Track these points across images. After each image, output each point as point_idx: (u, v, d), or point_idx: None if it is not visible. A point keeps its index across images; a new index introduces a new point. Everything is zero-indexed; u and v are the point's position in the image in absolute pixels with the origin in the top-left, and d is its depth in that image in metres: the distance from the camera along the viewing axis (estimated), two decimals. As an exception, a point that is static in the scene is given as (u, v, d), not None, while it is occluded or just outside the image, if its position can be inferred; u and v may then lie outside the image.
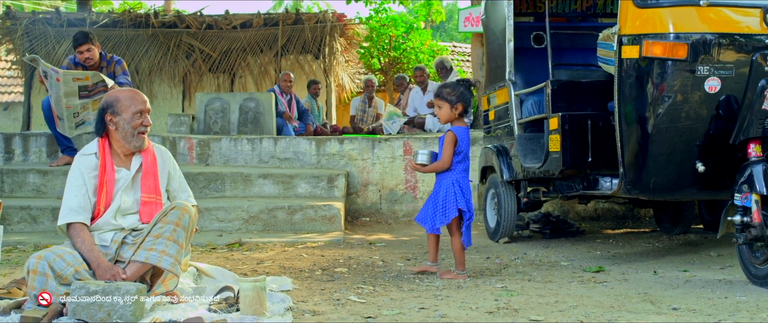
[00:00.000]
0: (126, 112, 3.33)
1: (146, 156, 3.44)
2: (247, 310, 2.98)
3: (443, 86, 3.94)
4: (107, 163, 3.36)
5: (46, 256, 3.15)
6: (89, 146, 3.43)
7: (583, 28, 5.73)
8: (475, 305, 3.23)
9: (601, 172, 4.53)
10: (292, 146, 6.64)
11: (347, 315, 3.07)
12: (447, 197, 3.88)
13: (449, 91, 3.88)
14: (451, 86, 3.91)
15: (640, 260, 4.53)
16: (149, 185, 3.42)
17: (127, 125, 3.35)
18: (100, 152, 3.37)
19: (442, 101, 3.89)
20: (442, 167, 3.90)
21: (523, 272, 4.14)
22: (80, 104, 5.91)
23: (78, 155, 3.41)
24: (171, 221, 3.20)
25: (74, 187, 3.33)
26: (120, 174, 3.38)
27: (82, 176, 3.34)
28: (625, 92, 3.94)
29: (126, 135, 3.36)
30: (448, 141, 3.89)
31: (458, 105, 3.87)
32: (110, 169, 3.36)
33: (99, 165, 3.35)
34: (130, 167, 3.42)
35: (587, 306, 3.22)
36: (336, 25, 11.31)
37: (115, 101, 3.36)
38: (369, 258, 4.66)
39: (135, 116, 3.34)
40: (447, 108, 3.88)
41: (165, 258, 3.17)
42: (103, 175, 3.34)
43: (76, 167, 3.37)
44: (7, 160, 6.51)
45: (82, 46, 6.01)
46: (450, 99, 3.87)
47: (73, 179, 3.35)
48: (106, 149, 3.39)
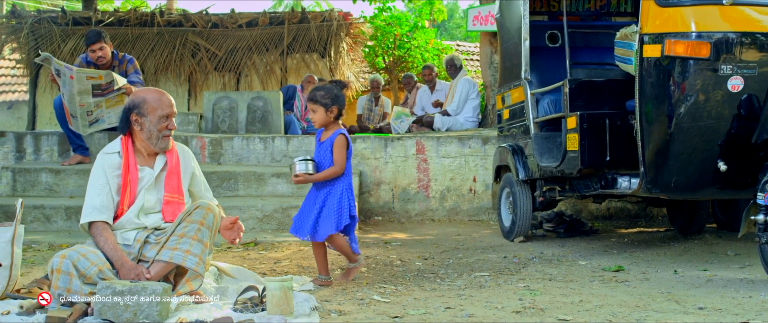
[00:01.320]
0: (152, 114, 3.32)
1: (171, 156, 3.44)
2: (274, 310, 2.97)
3: (316, 89, 3.74)
4: (130, 162, 3.35)
5: (70, 255, 3.14)
6: (112, 144, 3.42)
7: (598, 27, 5.72)
8: (500, 304, 3.23)
9: (619, 171, 4.52)
10: (304, 145, 6.63)
11: (374, 314, 3.06)
12: (341, 203, 3.68)
13: (323, 94, 3.68)
14: (325, 88, 3.72)
15: (658, 259, 4.52)
16: (173, 185, 3.41)
17: (152, 127, 3.34)
18: (124, 151, 3.36)
19: (316, 105, 3.68)
20: (337, 173, 3.68)
21: (543, 271, 4.13)
22: (93, 102, 5.89)
23: (101, 154, 3.40)
24: (195, 221, 3.19)
25: (97, 186, 3.32)
26: (143, 173, 3.38)
27: (105, 174, 3.33)
28: (646, 90, 3.93)
29: (151, 137, 3.35)
30: (340, 145, 3.67)
31: (333, 108, 3.67)
32: (133, 168, 3.36)
33: (122, 164, 3.34)
34: (153, 166, 3.41)
35: (612, 305, 3.22)
36: (342, 24, 11.29)
37: (142, 102, 3.34)
38: (386, 257, 4.65)
39: (161, 120, 3.33)
40: (322, 112, 3.67)
41: (190, 258, 3.16)
42: (126, 174, 3.33)
43: (99, 165, 3.36)
44: (19, 159, 6.49)
45: (94, 44, 5.99)
46: (324, 102, 3.66)
47: (95, 178, 3.34)
48: (129, 147, 3.38)
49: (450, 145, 6.64)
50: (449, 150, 6.62)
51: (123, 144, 3.39)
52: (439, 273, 4.08)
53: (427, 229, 6.09)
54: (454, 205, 6.63)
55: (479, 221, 6.61)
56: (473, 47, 18.60)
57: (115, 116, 6.03)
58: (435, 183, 6.59)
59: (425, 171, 6.52)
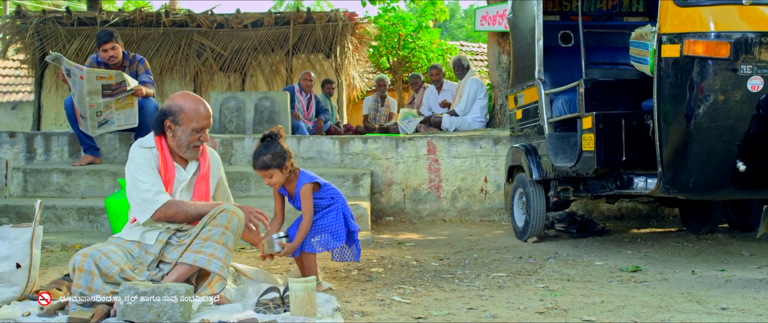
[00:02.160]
0: (186, 124, 3.32)
1: (204, 161, 3.44)
2: (298, 311, 2.96)
3: (257, 156, 3.54)
4: (168, 159, 3.35)
5: (92, 254, 3.13)
6: (146, 139, 3.40)
7: (610, 27, 5.71)
8: (522, 305, 3.22)
9: (635, 171, 4.51)
10: (315, 145, 6.61)
11: (396, 315, 3.06)
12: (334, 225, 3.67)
13: (271, 157, 3.51)
14: (267, 150, 3.52)
15: (674, 259, 4.51)
16: (202, 190, 3.41)
17: (184, 136, 3.33)
18: (159, 148, 3.35)
19: (271, 170, 3.53)
20: (310, 223, 3.62)
21: (560, 271, 4.12)
22: (103, 103, 5.88)
23: (137, 147, 3.36)
24: (220, 224, 3.17)
25: (146, 170, 3.29)
26: (179, 174, 3.37)
27: (151, 165, 3.31)
28: (664, 91, 3.92)
29: (180, 145, 3.34)
30: (305, 196, 3.61)
31: (286, 164, 3.54)
32: (171, 166, 3.36)
33: (160, 159, 3.33)
34: (186, 169, 3.40)
35: (634, 306, 3.21)
36: (347, 24, 11.28)
37: (179, 110, 3.32)
38: (402, 257, 4.64)
39: (194, 132, 3.33)
40: (278, 173, 3.54)
41: (214, 261, 3.15)
42: (166, 172, 3.32)
43: (140, 155, 3.32)
44: (29, 159, 6.48)
45: (106, 44, 5.98)
46: (278, 163, 3.52)
47: (143, 165, 3.30)
48: (164, 146, 3.37)
49: (461, 145, 6.63)
50: (460, 150, 6.61)
51: (157, 142, 3.37)
52: (456, 273, 4.07)
53: (439, 229, 6.08)
54: (465, 205, 6.62)
55: (490, 221, 6.59)
56: (477, 47, 18.63)
57: (125, 117, 6.02)
58: (446, 183, 6.58)
59: (436, 171, 6.51)
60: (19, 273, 3.43)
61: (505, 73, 8.55)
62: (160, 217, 3.27)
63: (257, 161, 3.56)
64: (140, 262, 3.29)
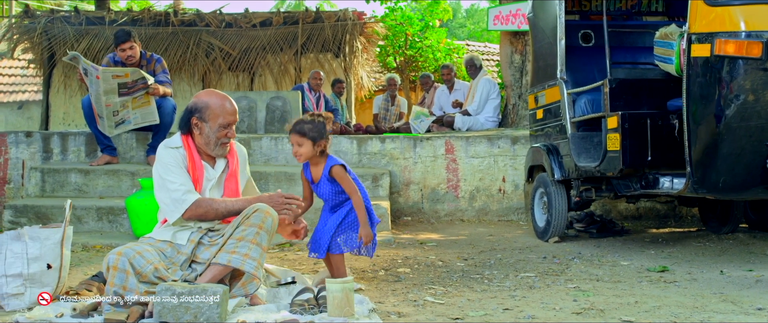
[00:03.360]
0: (213, 121, 3.30)
1: (232, 159, 3.42)
2: (336, 312, 2.95)
3: (302, 122, 3.50)
4: (195, 158, 3.33)
5: (126, 253, 3.12)
6: (173, 139, 3.39)
7: (630, 26, 5.70)
8: (557, 305, 3.21)
9: (660, 171, 4.51)
10: (333, 144, 6.59)
11: (433, 316, 3.05)
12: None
13: (311, 127, 3.46)
14: (312, 121, 3.49)
15: (699, 259, 4.50)
16: (232, 188, 3.40)
17: (211, 133, 3.31)
18: (186, 147, 3.34)
19: (303, 138, 3.45)
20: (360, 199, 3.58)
21: (587, 272, 4.11)
22: (120, 102, 5.86)
23: (164, 147, 3.34)
24: (254, 224, 3.15)
25: (176, 173, 3.27)
26: (207, 172, 3.35)
27: (179, 164, 3.29)
28: (694, 90, 3.91)
29: (208, 143, 3.33)
30: (341, 176, 3.53)
31: (321, 142, 3.48)
32: (199, 164, 3.34)
33: (188, 158, 3.31)
34: (214, 167, 3.39)
35: (670, 306, 3.20)
36: (356, 24, 11.26)
37: (205, 107, 3.31)
38: (426, 258, 4.62)
39: (221, 128, 3.31)
40: (309, 146, 3.46)
41: (248, 262, 3.13)
42: (193, 167, 3.31)
43: (167, 156, 3.30)
44: (46, 159, 6.46)
45: (124, 43, 5.96)
46: (313, 136, 3.45)
47: (171, 165, 3.28)
48: (191, 145, 3.35)
49: (479, 145, 6.61)
50: (478, 150, 6.60)
51: (184, 141, 3.36)
52: (484, 273, 4.06)
53: (458, 229, 6.06)
54: (483, 205, 6.60)
55: (509, 221, 6.58)
56: (483, 47, 18.62)
57: (142, 116, 6.00)
58: (464, 183, 6.57)
59: (454, 171, 6.49)
60: (50, 273, 3.43)
61: (518, 72, 8.54)
62: (190, 216, 3.26)
63: (296, 125, 3.50)
64: (173, 262, 3.28)
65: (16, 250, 3.39)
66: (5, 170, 6.39)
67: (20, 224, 5.38)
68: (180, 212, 3.24)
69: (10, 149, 6.41)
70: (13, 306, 3.33)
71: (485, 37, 27.58)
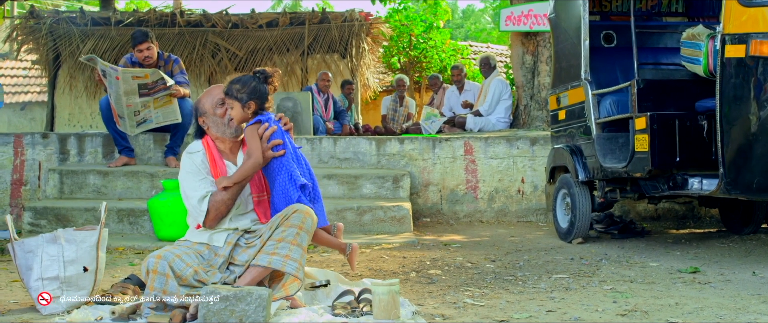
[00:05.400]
0: (208, 107, 3.34)
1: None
2: (382, 315, 2.92)
3: (233, 82, 3.26)
4: (215, 155, 3.34)
5: (166, 256, 3.10)
6: (193, 144, 3.40)
7: (650, 27, 5.69)
8: (599, 307, 3.20)
9: (688, 172, 4.50)
10: (352, 146, 6.58)
11: (477, 318, 3.03)
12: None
13: (239, 87, 3.20)
14: (242, 80, 3.24)
15: (727, 260, 4.49)
16: (257, 183, 3.36)
17: (214, 117, 3.33)
18: (205, 148, 3.34)
19: (232, 100, 3.22)
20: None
21: (618, 273, 4.10)
22: (141, 103, 5.83)
23: (185, 154, 3.36)
24: (294, 225, 3.13)
25: (191, 180, 3.27)
26: (230, 169, 3.34)
27: (200, 170, 3.28)
28: (727, 91, 3.90)
29: (218, 126, 3.35)
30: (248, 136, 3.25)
31: (250, 103, 3.20)
32: (220, 161, 3.34)
33: (208, 159, 3.31)
34: (236, 163, 3.37)
35: (712, 307, 3.19)
36: (363, 25, 11.24)
37: (198, 103, 3.40)
38: (453, 259, 4.61)
39: (217, 106, 3.32)
40: (238, 108, 3.22)
41: (289, 263, 3.11)
42: (215, 168, 3.30)
43: (186, 162, 3.32)
44: (62, 160, 6.42)
45: (141, 44, 5.93)
46: (240, 97, 3.19)
47: (188, 173, 3.29)
48: (210, 145, 3.36)
49: (498, 146, 6.60)
50: (497, 151, 6.59)
51: (203, 143, 3.37)
52: (516, 275, 4.04)
53: (478, 230, 6.05)
54: (502, 206, 6.59)
55: (528, 222, 6.57)
56: (486, 48, 18.64)
57: (163, 115, 5.97)
58: (483, 184, 6.55)
59: (473, 172, 6.48)
60: (86, 276, 3.40)
61: (530, 73, 8.53)
62: (213, 222, 3.25)
63: (228, 86, 3.26)
64: (210, 264, 3.26)
65: (52, 253, 3.36)
66: (21, 172, 6.34)
67: (40, 226, 5.35)
68: (201, 221, 3.25)
69: (27, 151, 6.37)
70: (50, 309, 3.30)
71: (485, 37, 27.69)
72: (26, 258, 3.36)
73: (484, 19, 36.47)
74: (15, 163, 6.35)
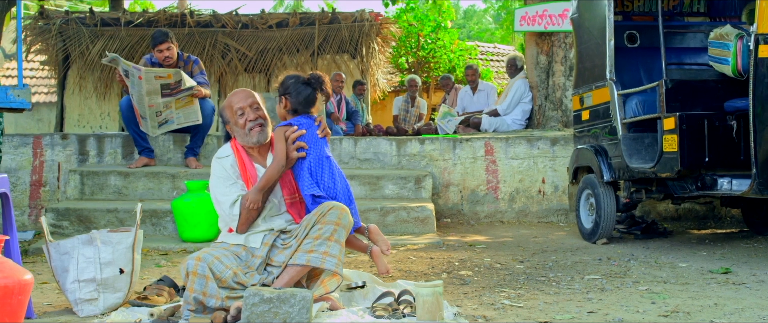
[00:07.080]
0: (232, 115, 3.32)
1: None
2: (425, 316, 2.91)
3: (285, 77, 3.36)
4: (245, 159, 3.33)
5: (205, 258, 3.09)
6: (223, 149, 3.40)
7: (672, 27, 5.67)
8: (639, 308, 3.19)
9: (717, 172, 4.49)
10: (372, 146, 6.56)
11: (519, 319, 3.02)
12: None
13: (281, 82, 3.33)
14: (289, 77, 3.33)
15: (756, 260, 4.48)
16: (287, 181, 3.35)
17: (236, 127, 3.32)
18: (235, 151, 3.33)
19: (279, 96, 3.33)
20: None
21: (649, 273, 4.09)
22: (163, 103, 5.81)
23: (215, 160, 3.37)
24: (331, 221, 3.12)
25: (221, 186, 3.28)
26: (260, 172, 3.32)
27: (230, 175, 3.27)
28: (761, 91, 3.89)
29: (240, 136, 3.33)
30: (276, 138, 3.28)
31: (282, 99, 3.31)
32: (250, 165, 3.34)
33: (237, 163, 3.31)
34: (265, 165, 3.36)
35: (752, 308, 3.18)
36: (373, 25, 11.22)
37: (223, 109, 3.37)
38: (481, 260, 4.59)
39: (238, 116, 3.30)
40: (279, 104, 3.35)
41: (328, 260, 3.10)
42: (244, 171, 3.30)
43: (216, 168, 3.33)
44: (82, 161, 6.40)
45: (161, 44, 5.92)
46: (278, 93, 3.32)
47: (218, 178, 3.30)
48: (239, 148, 3.35)
49: (518, 146, 6.59)
50: (517, 151, 6.57)
51: (232, 147, 3.37)
52: (548, 276, 4.03)
53: (500, 231, 6.03)
54: (523, 207, 6.58)
55: (549, 223, 6.56)
56: (491, 48, 18.64)
57: (185, 116, 5.96)
58: (504, 185, 6.54)
59: (494, 173, 6.47)
60: (123, 278, 3.39)
61: (544, 73, 8.51)
62: (244, 226, 3.25)
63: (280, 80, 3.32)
64: (248, 266, 3.25)
65: (88, 254, 3.34)
66: (41, 173, 6.33)
67: (62, 227, 5.33)
68: (234, 226, 3.25)
69: (46, 152, 6.35)
70: (87, 311, 3.29)
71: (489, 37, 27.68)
72: (61, 260, 3.35)
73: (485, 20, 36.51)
74: (34, 164, 6.33)
